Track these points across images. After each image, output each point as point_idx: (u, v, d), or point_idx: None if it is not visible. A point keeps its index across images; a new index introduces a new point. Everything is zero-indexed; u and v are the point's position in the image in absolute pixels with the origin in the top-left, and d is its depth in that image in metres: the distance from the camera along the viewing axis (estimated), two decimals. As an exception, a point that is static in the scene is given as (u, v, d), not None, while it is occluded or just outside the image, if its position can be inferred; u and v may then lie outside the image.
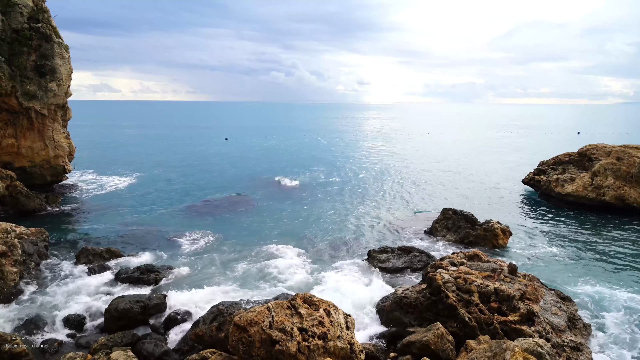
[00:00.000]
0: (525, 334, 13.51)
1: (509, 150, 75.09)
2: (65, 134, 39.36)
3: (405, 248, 22.84)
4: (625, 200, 32.60)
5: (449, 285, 15.61)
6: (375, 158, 64.74)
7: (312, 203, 35.62)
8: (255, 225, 29.35)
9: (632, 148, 35.24)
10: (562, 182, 37.69)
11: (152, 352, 13.72)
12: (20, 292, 18.09)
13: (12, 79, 32.51)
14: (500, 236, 24.31)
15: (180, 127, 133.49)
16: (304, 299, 12.61)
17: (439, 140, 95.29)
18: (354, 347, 11.81)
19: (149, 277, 19.52)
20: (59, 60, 35.11)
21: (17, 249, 19.42)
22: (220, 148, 75.15)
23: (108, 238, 26.33)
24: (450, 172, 51.90)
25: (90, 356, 12.97)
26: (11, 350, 13.33)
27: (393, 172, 51.74)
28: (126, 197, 36.84)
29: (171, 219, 30.52)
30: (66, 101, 38.61)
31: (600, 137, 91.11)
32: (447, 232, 26.25)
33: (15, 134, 34.56)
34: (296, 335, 11.23)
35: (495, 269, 17.34)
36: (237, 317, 11.55)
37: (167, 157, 61.92)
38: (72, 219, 30.14)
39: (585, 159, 39.04)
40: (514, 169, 52.84)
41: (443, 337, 13.41)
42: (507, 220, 29.43)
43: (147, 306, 16.14)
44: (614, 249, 25.10)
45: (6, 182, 30.20)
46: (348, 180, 46.28)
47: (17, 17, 33.13)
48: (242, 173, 49.61)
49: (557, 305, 15.79)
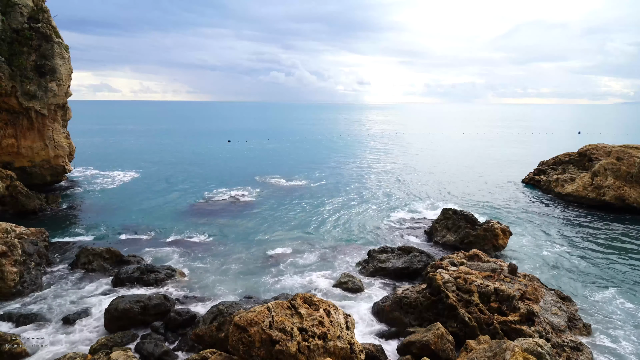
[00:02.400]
0: (525, 334, 13.52)
1: (509, 150, 75.08)
2: (65, 134, 39.38)
3: (405, 248, 22.84)
4: (625, 200, 32.60)
5: (449, 285, 15.61)
6: (375, 158, 64.75)
7: (313, 203, 35.63)
8: (256, 225, 29.35)
9: (632, 148, 35.25)
10: (562, 182, 37.70)
11: (152, 352, 13.72)
12: (20, 292, 18.07)
13: (12, 79, 32.52)
14: (500, 236, 24.31)
15: (181, 127, 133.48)
16: (304, 299, 12.61)
17: (439, 140, 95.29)
18: (354, 347, 11.81)
19: (149, 277, 19.51)
20: (59, 60, 35.12)
21: (17, 249, 19.42)
22: (221, 148, 75.17)
23: (108, 238, 26.34)
24: (450, 172, 51.90)
25: (90, 356, 12.97)
26: (11, 350, 13.34)
27: (393, 172, 51.74)
28: (126, 198, 36.83)
29: (171, 219, 30.52)
30: (66, 101, 38.63)
31: (600, 137, 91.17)
32: (447, 232, 26.26)
33: (15, 134, 34.57)
34: (296, 335, 11.23)
35: (495, 269, 17.35)
36: (237, 317, 11.55)
37: (167, 158, 61.91)
38: (72, 219, 30.13)
39: (585, 159, 39.05)
40: (514, 169, 52.82)
41: (443, 337, 13.42)
42: (507, 220, 29.44)
43: (147, 306, 16.14)
44: (614, 249, 25.11)
45: (6, 182, 30.20)
46: (348, 180, 46.28)
47: (17, 17, 33.14)
48: (242, 173, 49.60)
49: (557, 305, 15.80)
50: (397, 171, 52.30)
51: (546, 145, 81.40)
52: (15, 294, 17.88)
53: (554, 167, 41.86)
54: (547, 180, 39.45)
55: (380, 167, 55.27)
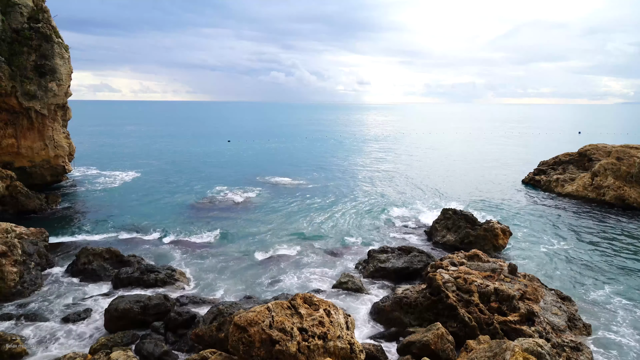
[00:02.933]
0: (525, 334, 13.52)
1: (509, 150, 75.09)
2: (65, 134, 39.36)
3: (405, 248, 22.83)
4: (625, 200, 32.61)
5: (449, 285, 15.61)
6: (375, 158, 64.75)
7: (312, 203, 35.63)
8: (256, 225, 29.36)
9: (632, 148, 35.25)
10: (562, 182, 37.70)
11: (152, 352, 13.71)
12: (20, 292, 18.07)
13: (12, 79, 32.51)
14: (500, 236, 24.31)
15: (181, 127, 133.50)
16: (304, 299, 12.61)
17: (439, 140, 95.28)
18: (354, 347, 11.81)
19: (149, 277, 19.51)
20: (59, 60, 35.11)
21: (17, 249, 19.42)
22: (221, 148, 75.16)
23: (108, 238, 26.35)
24: (450, 172, 51.90)
25: (90, 356, 12.97)
26: (11, 350, 13.34)
27: (393, 171, 51.74)
28: (126, 198, 36.83)
29: (172, 219, 30.51)
30: (66, 101, 38.62)
31: (600, 137, 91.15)
32: (447, 232, 26.25)
33: (15, 134, 34.55)
34: (296, 335, 11.23)
35: (495, 269, 17.34)
36: (237, 317, 11.55)
37: (168, 158, 61.90)
38: (72, 219, 30.13)
39: (585, 159, 39.06)
40: (514, 169, 52.82)
41: (443, 337, 13.41)
42: (507, 220, 29.43)
43: (147, 306, 16.13)
44: (614, 249, 25.11)
45: (6, 182, 30.19)
46: (348, 180, 46.29)
47: (17, 17, 33.13)
48: (243, 173, 49.61)
49: (557, 305, 15.80)
50: (397, 171, 52.30)
51: (546, 145, 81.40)
52: (15, 294, 17.87)
53: (554, 167, 41.86)
54: (547, 180, 39.45)
55: (380, 167, 55.28)
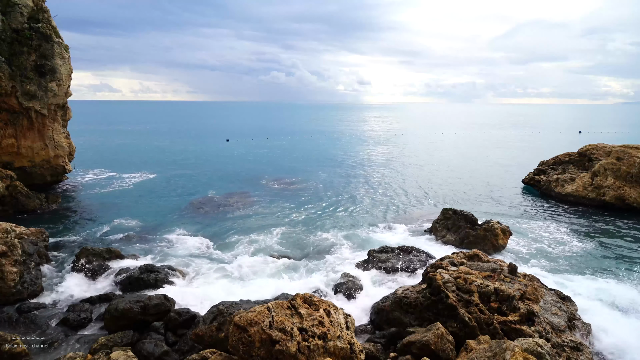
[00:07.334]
0: (525, 334, 13.51)
1: (509, 150, 75.06)
2: (65, 134, 39.37)
3: (405, 248, 22.83)
4: (625, 200, 32.59)
5: (449, 285, 15.60)
6: (375, 158, 64.72)
7: (312, 202, 35.62)
8: (255, 225, 29.35)
9: (632, 148, 35.22)
10: (562, 182, 37.68)
11: (152, 352, 13.71)
12: (20, 292, 18.06)
13: (12, 79, 32.50)
14: (500, 236, 24.29)
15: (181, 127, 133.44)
16: (304, 299, 12.60)
17: (439, 140, 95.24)
18: (354, 347, 11.81)
19: (149, 277, 19.50)
20: (59, 60, 35.11)
21: (17, 249, 19.41)
22: (221, 148, 75.16)
23: (108, 238, 26.34)
24: (450, 171, 51.89)
25: (90, 356, 12.96)
26: (11, 350, 13.33)
27: (392, 171, 51.73)
28: (126, 197, 36.83)
29: (172, 218, 30.52)
30: (66, 101, 38.61)
31: (600, 137, 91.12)
32: (447, 232, 26.24)
33: (15, 134, 34.55)
34: (296, 335, 11.23)
35: (495, 269, 17.33)
36: (237, 317, 11.54)
37: (167, 158, 61.89)
38: (72, 219, 30.13)
39: (585, 159, 39.03)
40: (514, 169, 52.81)
41: (443, 337, 13.41)
42: (507, 220, 29.42)
43: (147, 306, 16.12)
44: (614, 249, 25.10)
45: (6, 182, 30.19)
46: (348, 180, 46.28)
47: (17, 17, 33.12)
48: (243, 173, 49.60)
49: (557, 305, 15.79)
50: (397, 170, 52.29)
51: (546, 145, 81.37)
52: (15, 294, 17.87)
53: (554, 167, 41.82)
54: (547, 180, 39.42)
55: (380, 167, 55.26)
